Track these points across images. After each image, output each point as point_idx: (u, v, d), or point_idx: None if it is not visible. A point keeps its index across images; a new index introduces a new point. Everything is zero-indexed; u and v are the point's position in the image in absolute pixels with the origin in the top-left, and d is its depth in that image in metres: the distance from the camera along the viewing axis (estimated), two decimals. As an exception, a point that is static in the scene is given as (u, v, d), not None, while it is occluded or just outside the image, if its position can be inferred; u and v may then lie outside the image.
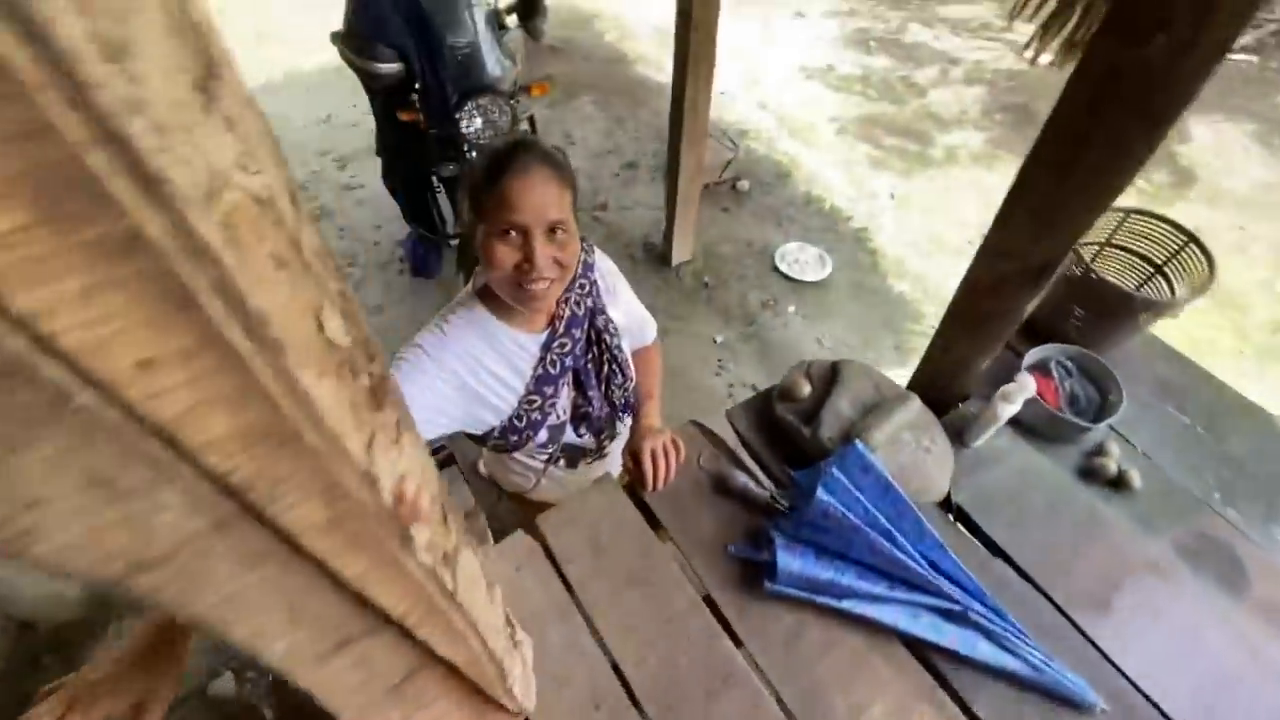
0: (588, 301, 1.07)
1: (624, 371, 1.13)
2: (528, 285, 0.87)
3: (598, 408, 1.11)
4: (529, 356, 1.01)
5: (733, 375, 2.72)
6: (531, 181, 0.83)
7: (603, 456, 1.25)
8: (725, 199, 3.48)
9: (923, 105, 4.07)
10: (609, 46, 4.66)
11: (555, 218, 0.85)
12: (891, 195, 3.51)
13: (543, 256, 0.85)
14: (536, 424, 1.04)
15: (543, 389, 1.02)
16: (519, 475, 1.21)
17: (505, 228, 0.84)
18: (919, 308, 2.96)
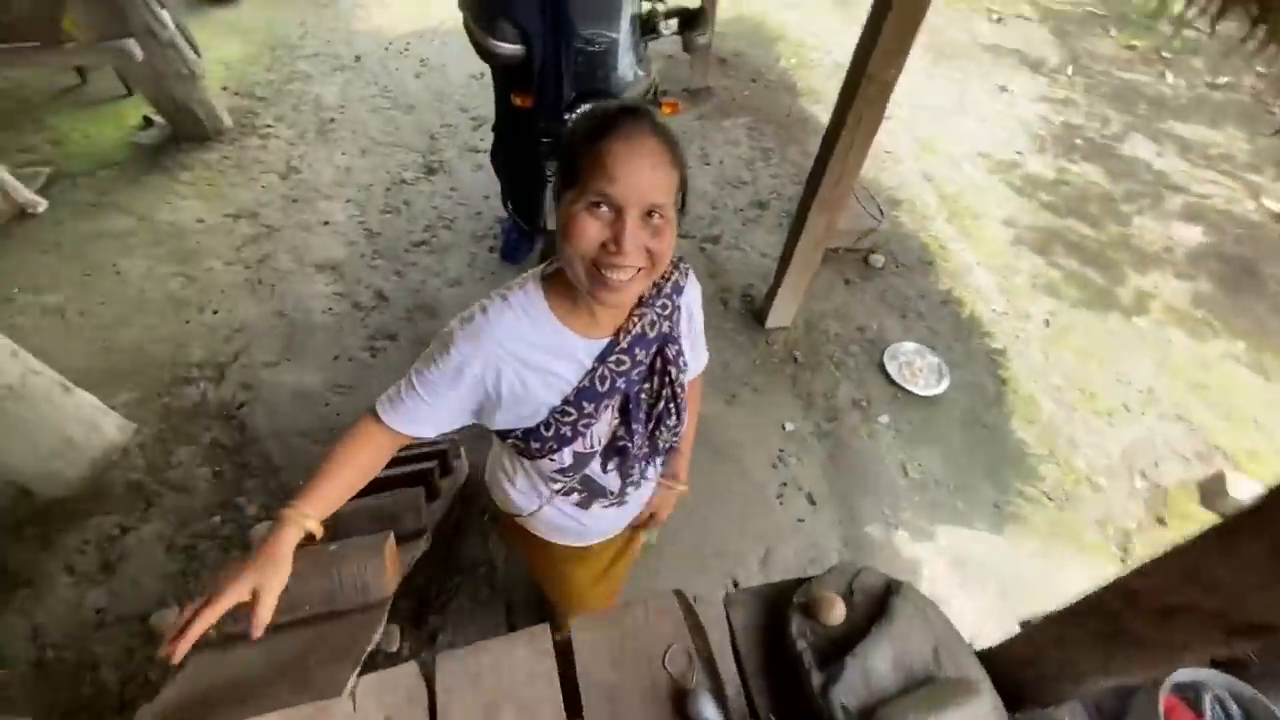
0: (664, 325, 0.93)
1: (679, 414, 0.98)
2: (607, 272, 0.75)
3: (637, 445, 0.96)
4: (578, 365, 0.88)
5: (790, 473, 2.35)
6: (637, 152, 0.72)
7: (620, 504, 1.10)
8: (851, 269, 3.08)
9: (1121, 233, 3.44)
10: (781, 72, 4.33)
11: (657, 200, 0.74)
12: (1047, 322, 2.96)
13: (633, 240, 0.74)
14: (564, 440, 0.91)
15: (582, 404, 0.89)
16: (521, 494, 1.08)
17: (597, 199, 0.73)
18: (1038, 466, 2.45)
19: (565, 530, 1.14)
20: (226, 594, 0.74)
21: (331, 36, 4.29)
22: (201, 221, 3.04)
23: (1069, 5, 5.34)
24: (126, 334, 2.58)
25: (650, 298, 0.92)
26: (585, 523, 1.11)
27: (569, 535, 1.16)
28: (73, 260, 2.83)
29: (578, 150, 0.75)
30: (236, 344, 2.58)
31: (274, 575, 0.78)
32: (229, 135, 3.47)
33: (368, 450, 0.90)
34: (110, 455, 2.21)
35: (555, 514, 1.09)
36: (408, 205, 3.21)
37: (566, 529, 1.13)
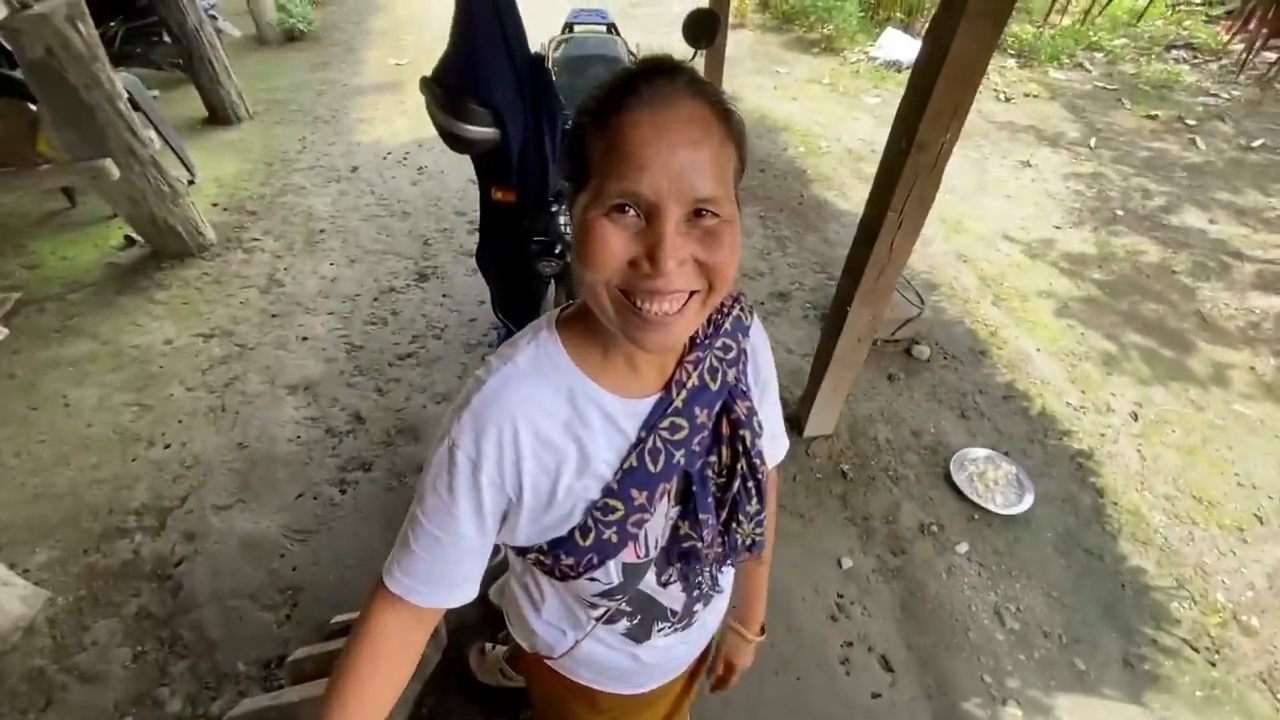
0: (730, 372, 0.68)
1: (761, 496, 0.71)
2: (644, 303, 0.51)
3: (707, 541, 0.68)
4: (620, 437, 0.63)
5: (856, 629, 1.85)
6: (673, 122, 0.48)
7: (686, 627, 0.80)
8: (894, 363, 2.70)
9: (1191, 306, 3.06)
10: (788, 160, 4.17)
11: (706, 191, 0.48)
12: (1134, 415, 2.52)
13: (675, 253, 0.49)
14: (608, 550, 0.64)
15: (629, 493, 0.62)
16: (547, 628, 0.79)
17: (619, 200, 0.49)
18: (1168, 604, 1.93)
19: (614, 672, 0.83)
20: None
21: (330, 150, 4.24)
22: (169, 343, 2.76)
23: (1076, 81, 5.27)
24: (62, 477, 2.23)
25: (706, 337, 0.68)
26: (642, 658, 0.81)
27: (620, 679, 0.85)
28: (22, 393, 2.53)
29: (588, 130, 0.52)
30: (186, 484, 2.21)
31: None
32: (212, 251, 3.28)
33: (391, 650, 0.65)
34: (9, 637, 1.78)
35: (599, 649, 0.80)
36: (395, 315, 2.93)
37: (616, 669, 0.83)
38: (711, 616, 0.87)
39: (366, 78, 5.26)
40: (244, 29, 5.58)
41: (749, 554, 0.76)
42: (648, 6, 6.70)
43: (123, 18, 4.56)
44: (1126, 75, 5.30)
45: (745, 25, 6.27)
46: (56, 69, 2.61)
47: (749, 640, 1.02)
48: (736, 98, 4.73)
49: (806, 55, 5.71)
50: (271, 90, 4.96)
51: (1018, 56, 5.57)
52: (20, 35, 2.52)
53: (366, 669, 0.65)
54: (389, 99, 4.91)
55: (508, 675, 1.65)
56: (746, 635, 1.02)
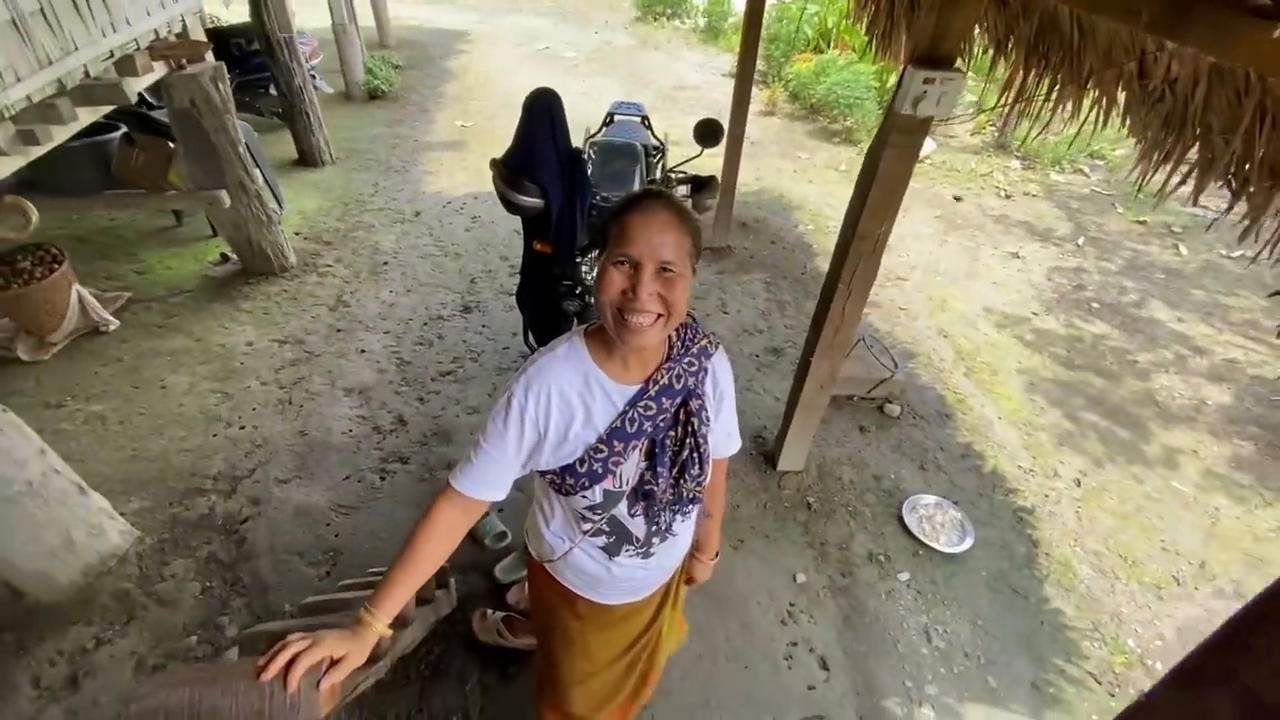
0: (690, 380, 1.07)
1: (702, 464, 1.09)
2: (629, 315, 0.92)
3: (662, 488, 1.06)
4: (612, 408, 1.02)
5: (801, 632, 2.17)
6: (651, 220, 0.92)
7: (646, 554, 1.17)
8: (867, 418, 3.06)
9: (1145, 390, 3.38)
10: (798, 236, 4.66)
11: (667, 257, 0.91)
12: (1078, 481, 2.82)
13: (648, 288, 0.90)
14: (595, 476, 1.02)
15: (613, 442, 1.01)
16: (555, 535, 1.18)
17: (620, 258, 0.92)
18: (1080, 642, 2.20)
19: (591, 579, 1.20)
20: (324, 646, 0.91)
21: (398, 195, 4.87)
22: (250, 345, 3.27)
23: (1074, 185, 5.72)
24: (156, 443, 2.69)
25: (678, 354, 1.07)
26: (613, 571, 1.17)
27: (595, 587, 1.22)
28: (126, 374, 3.04)
29: (610, 222, 0.96)
30: (255, 459, 2.65)
31: (356, 658, 0.94)
32: (292, 272, 3.84)
33: (442, 532, 1.04)
34: (107, 562, 2.20)
35: (584, 558, 1.16)
36: (441, 338, 3.41)
37: (594, 577, 1.19)
38: (667, 559, 1.23)
39: (435, 136, 5.98)
40: (335, 86, 6.41)
41: (692, 505, 1.14)
42: (690, 90, 7.43)
43: (238, 71, 5.37)
44: (1123, 183, 5.73)
45: (775, 113, 6.92)
46: (195, 116, 3.23)
47: (704, 562, 1.45)
48: (758, 177, 5.28)
49: (827, 144, 6.30)
50: (353, 140, 5.68)
51: (1022, 159, 6.07)
52: (173, 88, 3.16)
53: (425, 539, 1.03)
54: (453, 155, 5.58)
55: (503, 635, 2.00)
56: (701, 559, 1.44)
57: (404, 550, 1.02)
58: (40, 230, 3.73)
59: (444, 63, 8.09)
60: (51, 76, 2.08)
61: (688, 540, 1.30)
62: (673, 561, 1.27)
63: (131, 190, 3.43)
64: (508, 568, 2.24)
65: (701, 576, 1.48)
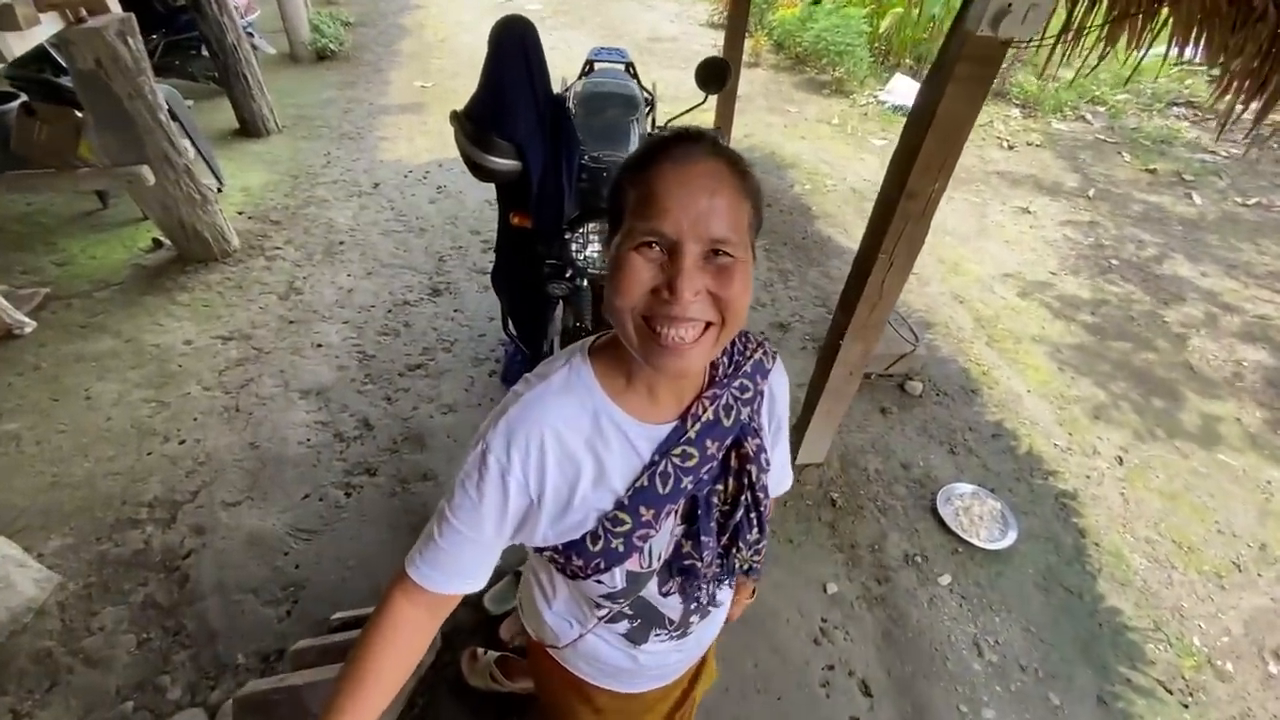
0: (744, 411, 0.75)
1: (762, 528, 0.80)
2: (663, 328, 0.59)
3: (706, 562, 0.76)
4: (635, 458, 0.71)
5: (838, 652, 1.90)
6: (692, 175, 0.58)
7: (681, 636, 0.88)
8: (887, 397, 2.78)
9: (1180, 356, 3.14)
10: (794, 197, 4.31)
11: (720, 234, 0.58)
12: (1120, 459, 2.58)
13: (692, 284, 0.58)
14: (614, 557, 0.72)
15: (639, 509, 0.70)
16: (557, 619, 0.88)
17: (647, 237, 0.59)
18: (1144, 645, 1.98)
19: (611, 669, 0.91)
20: None
21: (353, 165, 4.40)
22: (189, 343, 2.87)
23: (1078, 132, 5.42)
24: (79, 467, 2.31)
25: (725, 376, 0.75)
26: (638, 660, 0.89)
27: (616, 677, 0.94)
28: (45, 384, 2.63)
29: (624, 182, 0.63)
30: (198, 479, 2.29)
31: None
32: (235, 257, 3.41)
33: (403, 639, 0.72)
34: (20, 618, 1.85)
35: (600, 645, 0.88)
36: (408, 327, 3.03)
37: (613, 667, 0.91)
38: (707, 630, 0.95)
39: (392, 98, 5.45)
40: (278, 46, 5.81)
41: (745, 576, 0.86)
42: (666, 42, 6.93)
43: (164, 31, 4.78)
44: (1127, 129, 5.45)
45: (760, 65, 6.47)
46: (103, 79, 2.76)
47: (741, 603, 1.18)
48: (747, 134, 4.90)
49: (817, 96, 5.90)
50: (301, 106, 5.15)
51: (1022, 106, 5.74)
52: (72, 46, 2.67)
53: (378, 650, 0.71)
54: (412, 119, 5.09)
55: (497, 680, 1.71)
56: (740, 599, 1.17)
57: (352, 664, 0.70)
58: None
59: (399, 18, 7.45)
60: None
61: (728, 602, 0.99)
62: (712, 635, 0.99)
63: (36, 169, 2.96)
64: (498, 596, 1.94)
65: (734, 613, 1.18)
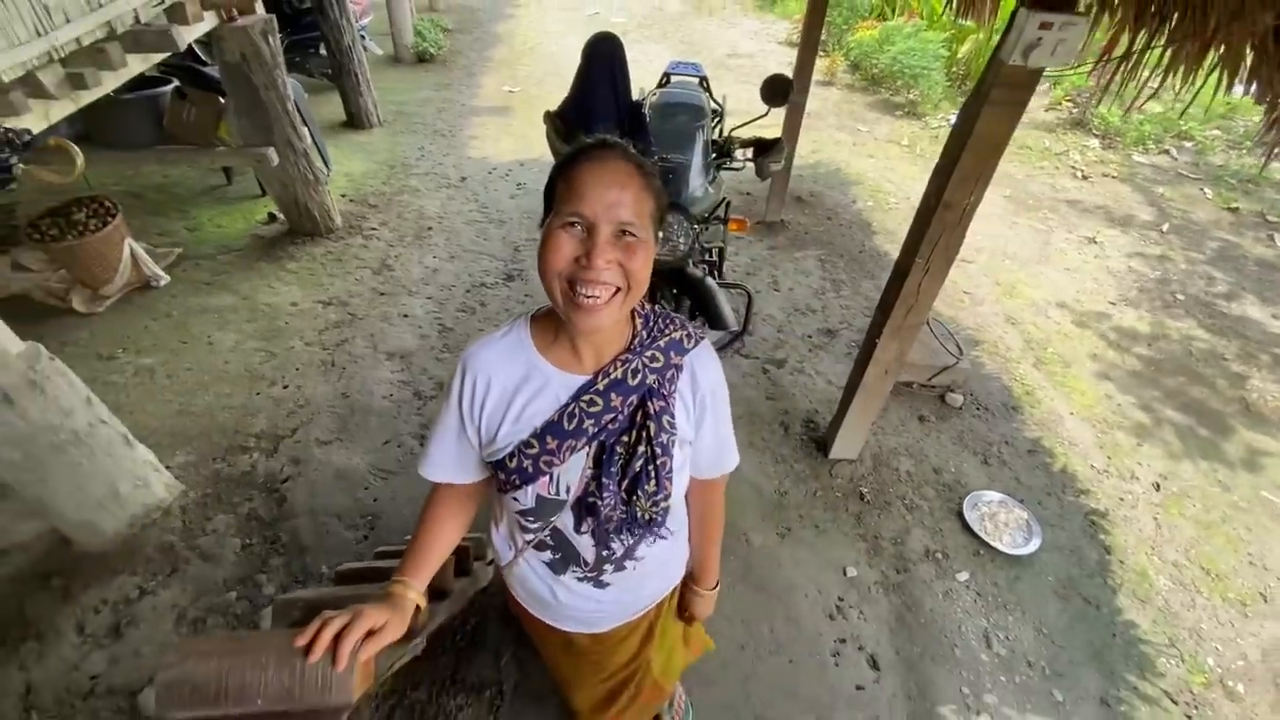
0: (651, 377, 0.89)
1: (660, 481, 0.90)
2: (582, 289, 0.76)
3: (608, 505, 0.89)
4: (553, 399, 0.88)
5: (850, 629, 2.05)
6: (606, 172, 0.76)
7: (597, 582, 1.02)
8: (927, 406, 2.88)
9: (1236, 394, 3.10)
10: (856, 212, 4.42)
11: (626, 218, 0.76)
12: (1158, 485, 2.60)
13: (603, 254, 0.75)
14: (525, 475, 0.88)
15: (546, 438, 0.87)
16: (500, 540, 1.07)
17: (570, 219, 0.76)
18: (1155, 659, 2.03)
19: (538, 600, 1.08)
20: (364, 620, 0.83)
21: (444, 160, 4.79)
22: (295, 305, 3.26)
23: (1160, 167, 5.30)
24: (202, 399, 2.70)
25: (640, 344, 0.90)
26: (557, 594, 1.04)
27: (544, 610, 1.10)
28: (175, 329, 3.06)
29: (556, 178, 0.80)
30: (297, 419, 2.64)
31: (394, 630, 0.87)
32: (337, 234, 3.81)
33: (443, 510, 1.00)
34: (151, 513, 2.21)
35: (528, 571, 1.04)
36: (483, 305, 3.34)
37: (539, 598, 1.07)
38: (628, 594, 1.07)
39: (482, 100, 5.88)
40: (385, 49, 6.35)
41: (649, 530, 0.95)
42: (744, 59, 7.14)
43: (289, 30, 5.34)
44: (1213, 166, 5.28)
45: (834, 84, 6.59)
46: (245, 71, 3.19)
47: (701, 594, 1.23)
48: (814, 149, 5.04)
49: (889, 117, 5.97)
50: (400, 104, 5.62)
51: (1102, 137, 5.65)
52: (222, 40, 3.11)
53: (428, 523, 1.00)
54: (499, 121, 5.48)
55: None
56: (699, 591, 1.23)
57: (415, 535, 1.01)
58: (95, 184, 3.78)
59: (492, 27, 7.96)
60: (101, 19, 2.03)
61: (662, 578, 1.13)
62: (637, 600, 1.11)
63: (182, 145, 3.44)
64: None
65: (701, 611, 1.26)
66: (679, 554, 1.14)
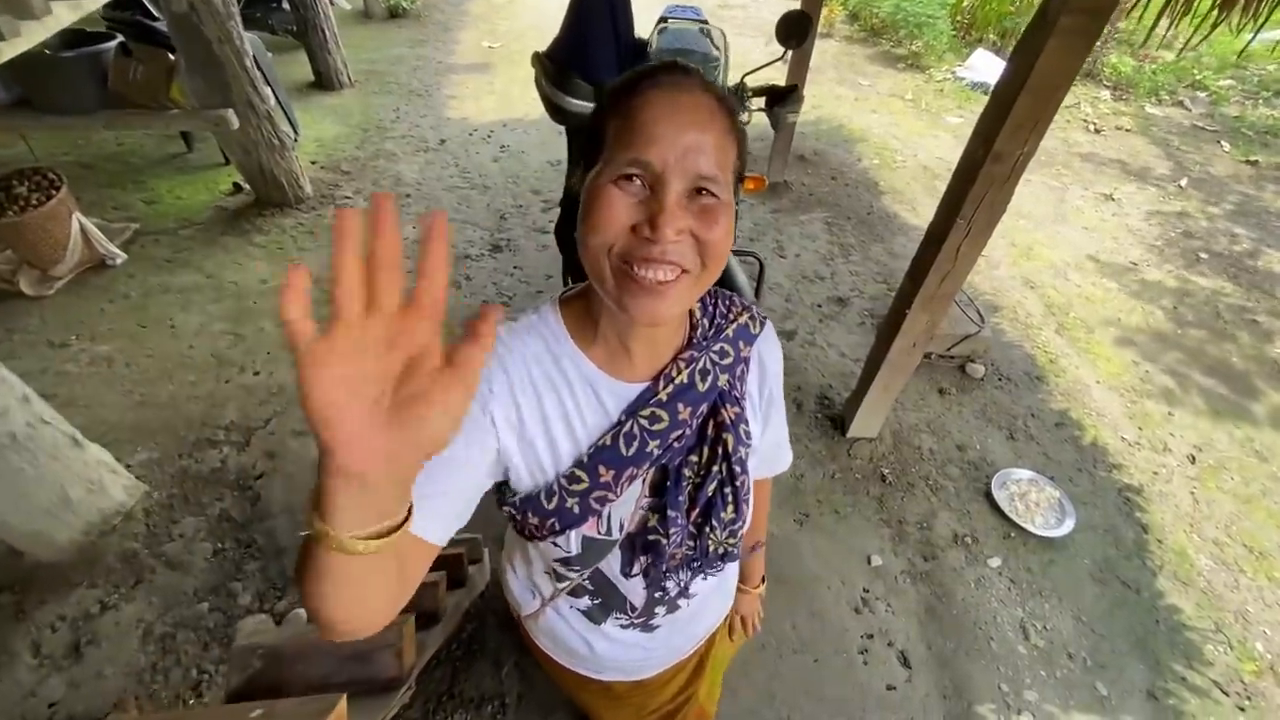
0: (723, 377, 0.70)
1: (739, 507, 0.71)
2: (641, 269, 0.55)
3: (674, 542, 0.68)
4: (602, 414, 0.66)
5: (878, 622, 1.90)
6: (682, 107, 0.54)
7: (646, 628, 0.81)
8: (947, 378, 2.71)
9: (1262, 350, 2.95)
10: (862, 171, 4.18)
11: (707, 170, 0.54)
12: (1193, 458, 2.46)
13: (674, 221, 0.53)
14: (569, 519, 0.65)
15: (597, 468, 0.65)
16: (520, 586, 0.84)
17: (630, 169, 0.54)
18: (1202, 645, 1.91)
19: (570, 650, 0.86)
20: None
21: (421, 122, 4.48)
22: (264, 282, 3.01)
23: (1175, 118, 5.08)
24: (165, 389, 2.47)
25: (704, 339, 0.71)
26: (595, 646, 0.83)
27: (577, 660, 0.87)
28: (134, 312, 2.81)
29: (606, 111, 0.57)
30: (270, 408, 2.42)
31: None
32: (308, 204, 3.53)
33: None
34: (110, 520, 2.01)
35: (558, 622, 0.82)
36: (469, 280, 3.10)
37: (571, 649, 0.85)
38: (680, 637, 0.89)
39: (460, 57, 5.51)
40: (353, 3, 5.92)
41: (721, 564, 0.76)
42: (736, 9, 6.76)
43: (248, -16, 4.93)
44: (1229, 117, 5.07)
45: (833, 35, 6.26)
46: (195, 22, 2.87)
47: (748, 592, 1.10)
48: (815, 105, 4.77)
49: (891, 69, 5.68)
50: (372, 62, 5.25)
51: (1113, 89, 5.40)
52: (168, -10, 2.79)
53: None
54: (479, 79, 5.13)
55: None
56: (745, 589, 1.09)
57: None
58: (42, 154, 3.46)
59: (469, -21, 7.48)
60: (10, -45, 1.74)
61: (718, 610, 0.94)
62: (690, 641, 0.92)
63: (131, 108, 3.12)
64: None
65: (748, 610, 1.11)
66: (733, 578, 0.97)
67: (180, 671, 1.72)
